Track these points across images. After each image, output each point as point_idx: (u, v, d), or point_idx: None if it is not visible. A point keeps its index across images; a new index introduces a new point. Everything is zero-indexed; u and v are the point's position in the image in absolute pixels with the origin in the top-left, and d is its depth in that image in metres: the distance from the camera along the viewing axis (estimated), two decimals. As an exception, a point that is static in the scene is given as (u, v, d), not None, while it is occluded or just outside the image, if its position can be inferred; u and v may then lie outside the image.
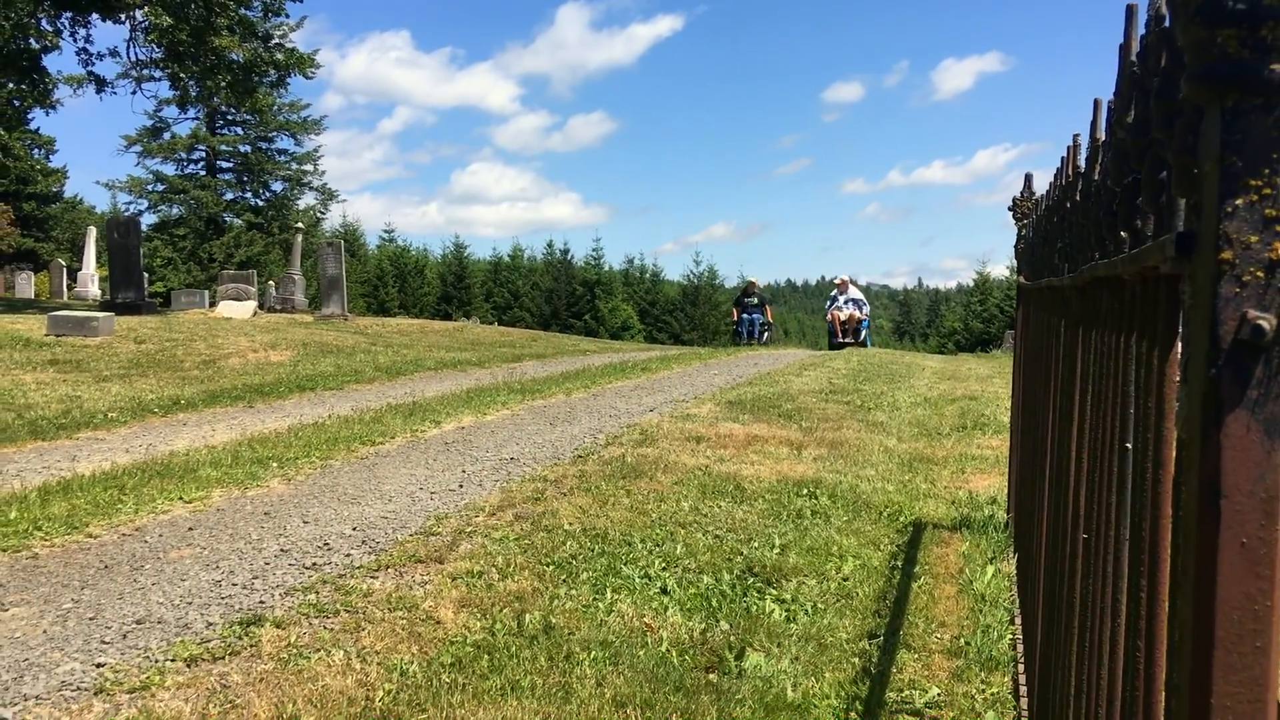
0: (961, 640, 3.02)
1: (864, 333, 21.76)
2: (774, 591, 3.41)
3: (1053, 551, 1.86)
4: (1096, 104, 1.44)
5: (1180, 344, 0.57)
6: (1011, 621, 3.12)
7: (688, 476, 4.98)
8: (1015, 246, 4.24)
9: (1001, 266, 34.34)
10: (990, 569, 3.65)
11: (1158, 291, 0.85)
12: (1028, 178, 4.03)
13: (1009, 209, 4.12)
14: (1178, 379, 0.68)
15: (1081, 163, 1.63)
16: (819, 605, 3.29)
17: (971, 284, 38.83)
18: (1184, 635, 0.53)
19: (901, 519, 4.47)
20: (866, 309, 22.09)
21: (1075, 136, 1.79)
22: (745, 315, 23.40)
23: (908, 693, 2.68)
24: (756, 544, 3.91)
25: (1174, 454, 0.74)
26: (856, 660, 2.89)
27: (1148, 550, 0.87)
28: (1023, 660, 2.74)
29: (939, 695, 2.66)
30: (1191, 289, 0.56)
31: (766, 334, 23.32)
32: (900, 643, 3.01)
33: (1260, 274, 0.51)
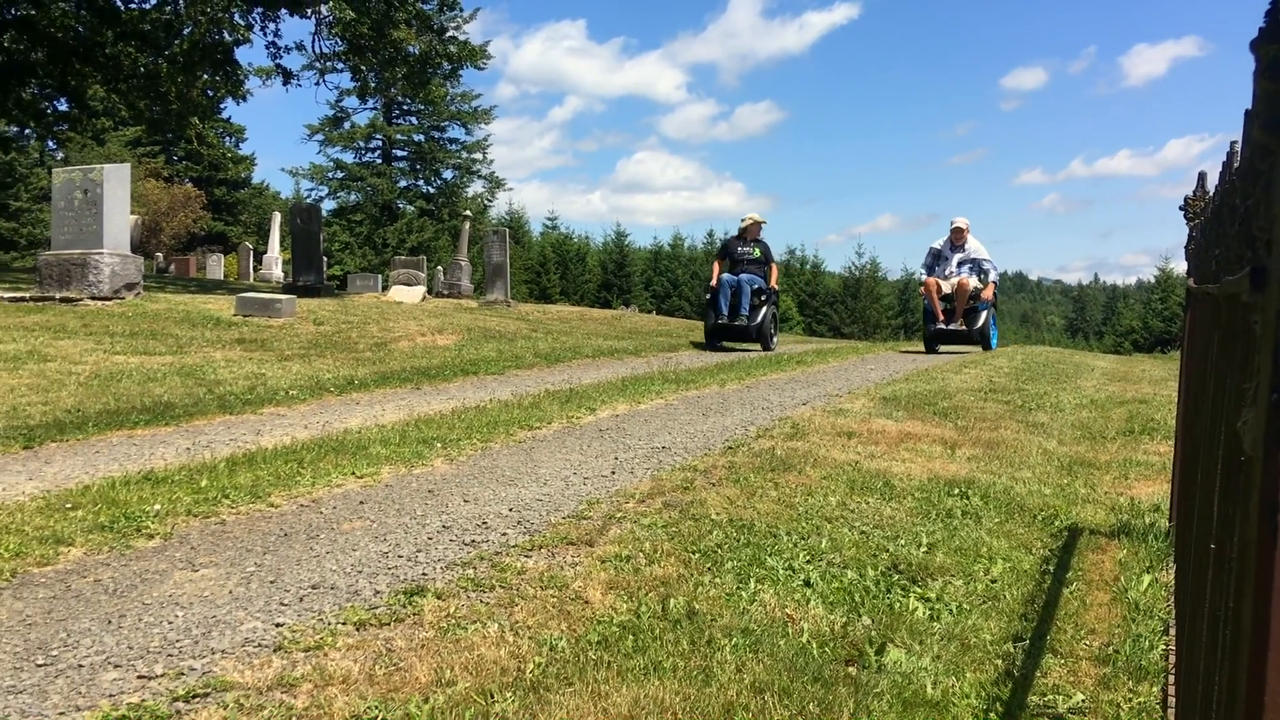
0: (1111, 648, 2.97)
1: (983, 317, 13.49)
2: (918, 589, 3.41)
3: (1197, 562, 1.84)
4: (1247, 114, 1.43)
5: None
6: (1165, 632, 3.05)
7: (836, 471, 4.99)
8: (1185, 248, 4.11)
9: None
10: (1147, 578, 3.56)
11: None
12: (1201, 176, 3.88)
13: (1180, 208, 3.98)
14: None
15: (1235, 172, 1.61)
16: (964, 605, 3.28)
17: (1153, 281, 37.14)
18: (1241, 641, 0.58)
19: (1056, 523, 4.38)
20: (995, 275, 13.72)
21: (1233, 144, 1.76)
22: (729, 276, 14.03)
23: (1051, 697, 2.66)
24: (903, 541, 3.91)
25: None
26: (999, 662, 2.88)
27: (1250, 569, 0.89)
28: (1174, 671, 2.68)
29: (1083, 701, 2.63)
30: (1262, 320, 0.60)
31: (764, 310, 13.80)
32: (1046, 647, 2.98)
33: (1321, 309, 0.55)
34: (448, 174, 49.13)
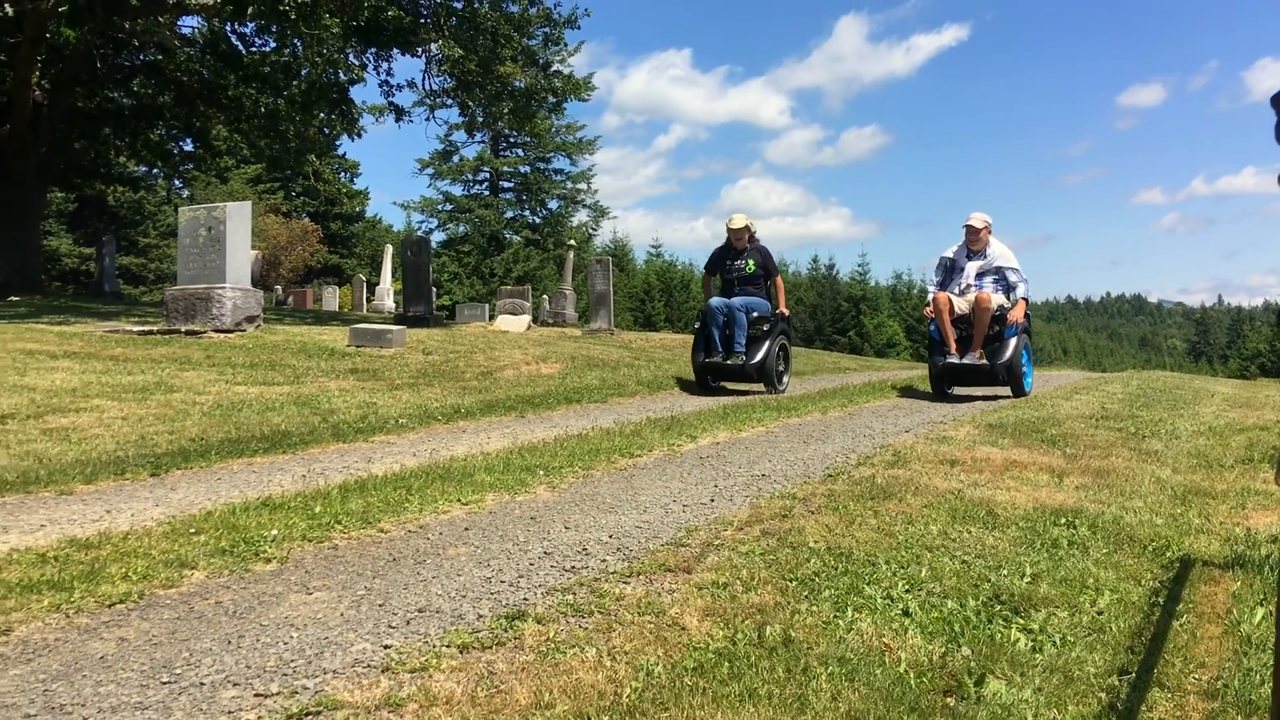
0: (1220, 682, 2.89)
1: (1012, 347, 9.90)
2: (1021, 620, 3.36)
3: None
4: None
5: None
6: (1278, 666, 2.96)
7: (938, 500, 4.94)
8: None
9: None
10: (1260, 611, 3.45)
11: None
12: (1314, 197, 3.77)
13: (1293, 229, 3.87)
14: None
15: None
16: (1068, 637, 3.23)
17: None
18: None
19: (1168, 554, 4.26)
20: (1025, 290, 10.11)
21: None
22: (720, 300, 10.78)
23: (1155, 732, 2.61)
24: (1006, 571, 3.85)
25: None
26: (1103, 695, 2.83)
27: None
28: (1287, 709, 2.60)
29: (1189, 737, 2.57)
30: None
31: (767, 343, 10.59)
32: (1153, 680, 2.92)
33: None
34: (553, 204, 50.02)
